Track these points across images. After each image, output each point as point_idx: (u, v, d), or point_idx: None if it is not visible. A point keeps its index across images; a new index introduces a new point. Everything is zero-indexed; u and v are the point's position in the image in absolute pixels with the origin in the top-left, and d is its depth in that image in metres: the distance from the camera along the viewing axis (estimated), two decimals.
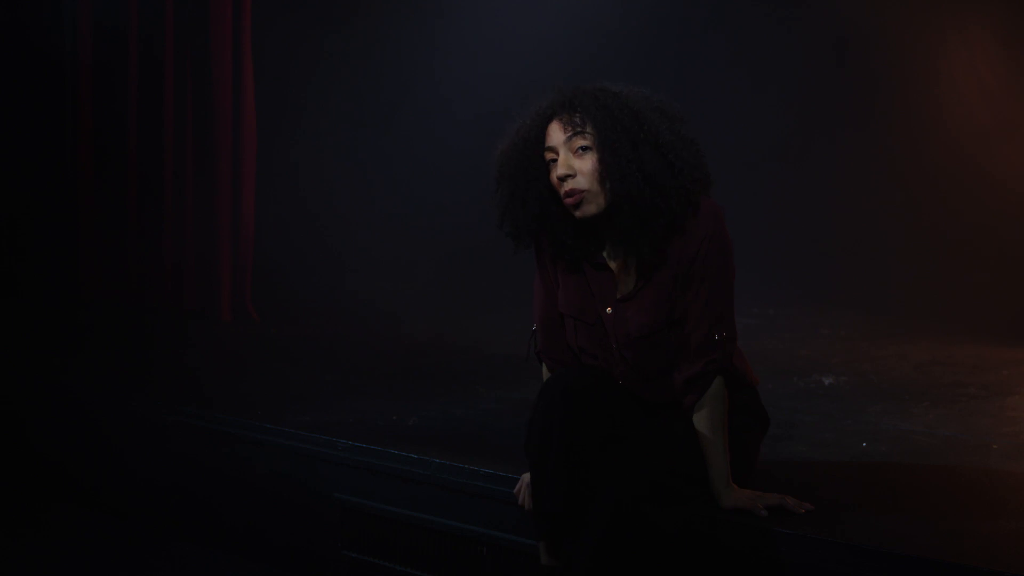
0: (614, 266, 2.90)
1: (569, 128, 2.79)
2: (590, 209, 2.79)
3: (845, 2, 6.73)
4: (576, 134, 2.79)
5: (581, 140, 2.79)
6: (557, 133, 2.81)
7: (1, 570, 3.92)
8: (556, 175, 2.80)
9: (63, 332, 5.63)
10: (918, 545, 2.64)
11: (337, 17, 7.12)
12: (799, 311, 6.36)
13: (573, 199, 2.79)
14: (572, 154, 2.79)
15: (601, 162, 2.77)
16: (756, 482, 2.95)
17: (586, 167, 2.78)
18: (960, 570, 2.52)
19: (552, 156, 2.82)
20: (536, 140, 2.84)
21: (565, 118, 2.81)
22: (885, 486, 3.20)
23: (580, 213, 2.80)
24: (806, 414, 3.99)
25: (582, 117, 2.79)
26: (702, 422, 2.83)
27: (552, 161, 2.82)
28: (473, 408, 4.14)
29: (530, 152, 2.84)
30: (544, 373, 3.03)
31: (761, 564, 2.77)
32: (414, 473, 3.43)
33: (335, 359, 5.15)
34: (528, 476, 2.92)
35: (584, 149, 2.79)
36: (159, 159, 6.09)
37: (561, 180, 2.79)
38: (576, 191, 2.78)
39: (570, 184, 2.78)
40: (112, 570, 3.95)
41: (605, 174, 2.76)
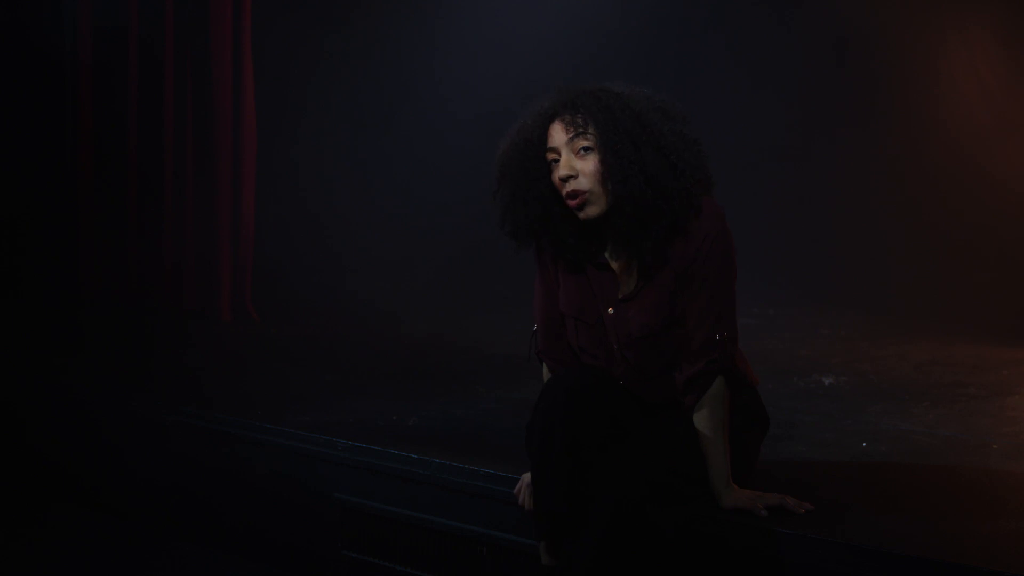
0: (616, 266, 2.90)
1: (571, 129, 2.79)
2: (593, 210, 2.79)
3: (845, 2, 6.73)
4: (578, 135, 2.78)
5: (583, 141, 2.78)
6: (559, 134, 2.81)
7: (1, 570, 3.92)
8: (558, 176, 2.80)
9: (63, 332, 5.63)
10: (918, 545, 2.64)
11: (337, 17, 7.11)
12: (799, 311, 6.36)
13: (576, 200, 2.78)
14: (574, 155, 2.79)
15: (603, 163, 2.76)
16: (756, 482, 2.95)
17: (588, 168, 2.78)
18: (960, 570, 2.52)
19: (554, 157, 2.82)
20: (538, 140, 2.83)
21: (567, 119, 2.80)
22: (885, 486, 3.20)
23: (584, 215, 2.80)
24: (806, 414, 3.99)
25: (584, 118, 2.79)
26: (703, 422, 2.83)
27: (554, 161, 2.82)
28: (473, 408, 4.14)
29: (532, 152, 2.83)
30: (544, 374, 3.03)
31: (761, 564, 2.77)
32: (414, 473, 3.43)
33: (335, 359, 5.15)
34: (528, 476, 2.92)
35: (586, 150, 2.78)
36: (159, 159, 6.09)
37: (563, 181, 2.79)
38: (578, 192, 2.78)
39: (572, 185, 2.78)
40: (112, 570, 3.95)
41: (607, 175, 2.76)
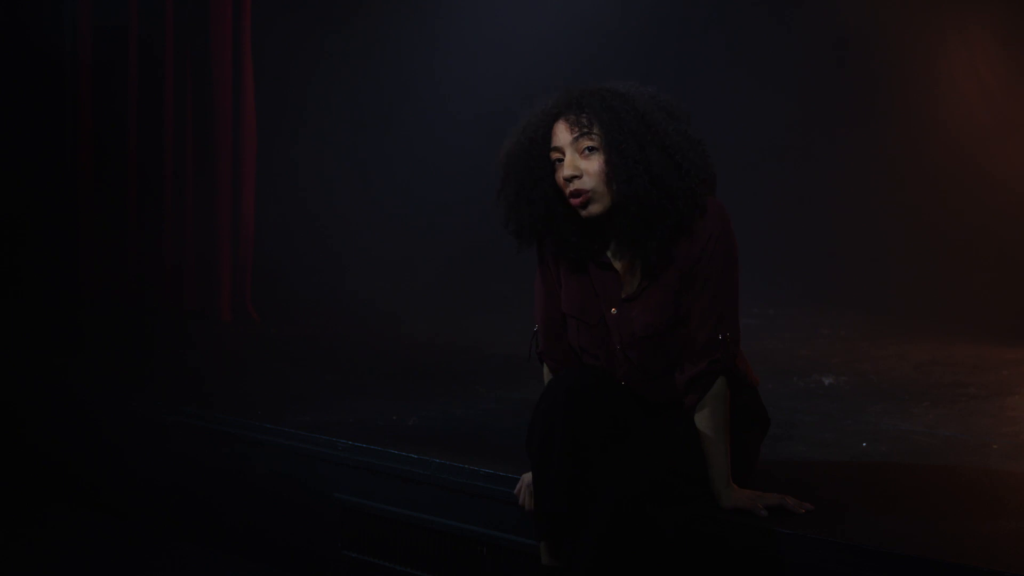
0: (619, 266, 2.90)
1: (576, 129, 2.79)
2: (596, 208, 2.79)
3: (845, 2, 6.73)
4: (583, 135, 2.78)
5: (588, 141, 2.78)
6: (563, 133, 2.81)
7: (1, 570, 3.92)
8: (562, 176, 2.80)
9: (63, 332, 5.63)
10: (918, 545, 2.64)
11: (337, 17, 7.11)
12: (799, 311, 6.35)
13: (579, 199, 2.78)
14: (578, 155, 2.79)
15: (608, 163, 2.76)
16: (756, 482, 2.95)
17: (592, 168, 2.78)
18: (960, 570, 2.52)
19: (558, 156, 2.82)
20: (542, 140, 2.83)
21: (572, 119, 2.80)
22: (885, 486, 3.20)
23: (586, 213, 2.80)
24: (806, 414, 3.99)
25: (589, 118, 2.78)
26: (704, 422, 2.83)
27: (558, 161, 2.82)
28: (473, 408, 4.14)
29: (536, 151, 2.83)
30: (545, 374, 3.03)
31: (761, 564, 2.77)
32: (414, 473, 3.43)
33: (335, 359, 5.15)
34: (528, 476, 2.92)
35: (591, 150, 2.78)
36: (159, 159, 6.09)
37: (567, 181, 2.79)
38: (582, 191, 2.78)
39: (575, 185, 2.78)
40: (112, 570, 3.95)
41: (612, 175, 2.75)
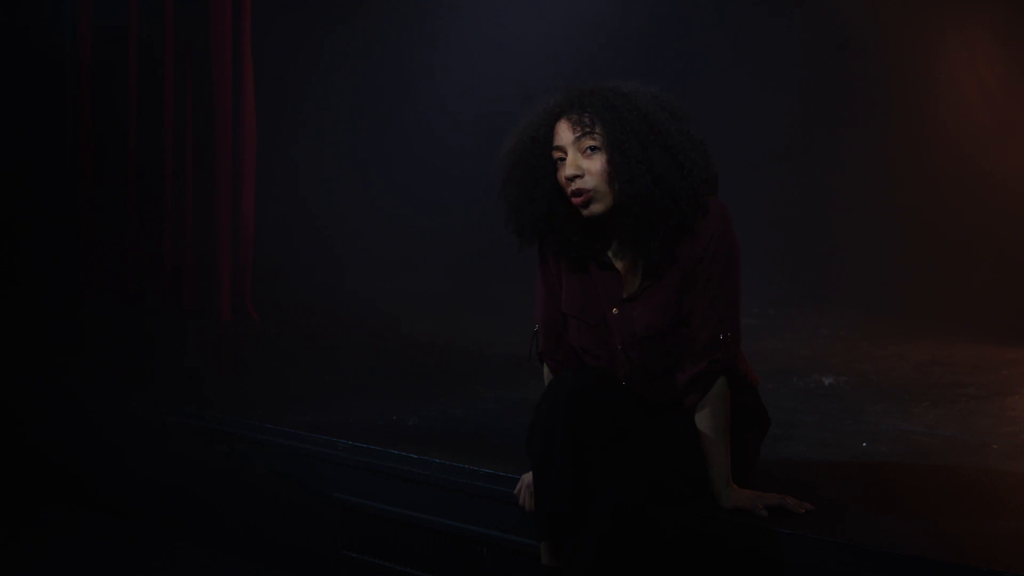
0: (620, 266, 2.90)
1: (578, 128, 2.79)
2: (597, 208, 2.79)
3: (845, 2, 6.73)
4: (585, 134, 2.78)
5: (590, 140, 2.78)
6: (566, 133, 2.81)
7: (1, 570, 3.92)
8: (564, 175, 2.80)
9: (63, 332, 5.63)
10: (918, 545, 2.64)
11: (337, 17, 7.11)
12: (799, 311, 6.35)
13: (581, 199, 2.78)
14: (580, 154, 2.79)
15: (610, 163, 2.76)
16: (756, 482, 2.95)
17: (595, 167, 2.78)
18: (960, 570, 2.52)
19: (560, 155, 2.82)
20: (544, 139, 2.83)
21: (574, 118, 2.80)
22: (885, 486, 3.20)
23: (588, 212, 2.80)
24: (806, 414, 3.99)
25: (591, 117, 2.78)
26: (704, 422, 2.83)
27: (560, 160, 2.82)
28: (473, 408, 4.13)
29: (538, 151, 2.83)
30: (546, 375, 3.03)
31: (761, 564, 2.77)
32: (414, 473, 3.43)
33: (335, 359, 5.15)
34: (528, 476, 2.92)
35: (593, 149, 2.78)
36: (159, 159, 6.09)
37: (569, 180, 2.79)
38: (583, 191, 2.78)
39: (577, 184, 2.78)
40: (112, 570, 3.94)
41: (614, 175, 2.75)
